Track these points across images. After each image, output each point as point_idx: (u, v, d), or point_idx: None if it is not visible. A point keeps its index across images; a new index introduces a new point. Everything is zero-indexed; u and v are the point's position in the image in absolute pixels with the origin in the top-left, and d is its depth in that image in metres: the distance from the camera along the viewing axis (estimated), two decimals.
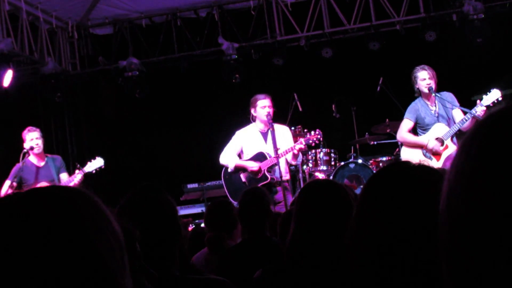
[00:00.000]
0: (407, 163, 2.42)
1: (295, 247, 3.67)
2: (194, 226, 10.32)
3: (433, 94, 9.80)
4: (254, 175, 10.10)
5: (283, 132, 10.36)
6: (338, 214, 3.59)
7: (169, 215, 3.25)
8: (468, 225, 1.10)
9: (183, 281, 3.13)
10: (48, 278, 1.29)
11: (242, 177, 10.24)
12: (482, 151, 1.11)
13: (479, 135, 1.13)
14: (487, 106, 9.38)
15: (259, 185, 9.45)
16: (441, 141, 9.78)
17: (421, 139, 9.99)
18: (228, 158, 10.33)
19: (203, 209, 13.50)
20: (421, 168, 2.35)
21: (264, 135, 10.26)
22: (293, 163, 10.64)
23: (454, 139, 9.86)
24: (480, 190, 1.08)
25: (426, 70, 9.83)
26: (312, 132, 10.42)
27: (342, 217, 3.55)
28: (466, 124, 9.53)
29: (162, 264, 3.12)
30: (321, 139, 10.42)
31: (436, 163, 9.58)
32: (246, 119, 10.65)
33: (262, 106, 10.17)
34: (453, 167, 1.16)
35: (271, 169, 10.07)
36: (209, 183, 13.94)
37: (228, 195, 10.20)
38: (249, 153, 10.29)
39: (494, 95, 9.50)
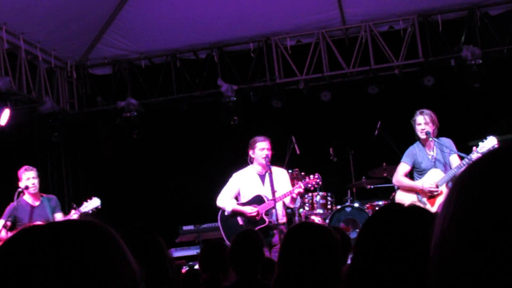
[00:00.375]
0: (400, 204, 2.54)
1: None
2: (188, 268, 10.24)
3: (430, 139, 9.79)
4: (251, 218, 10.04)
5: (280, 175, 10.33)
6: (320, 257, 3.63)
7: (157, 256, 3.20)
8: (459, 270, 1.10)
9: None
10: None
11: (239, 220, 10.19)
12: (482, 200, 1.09)
13: (477, 184, 1.13)
14: (482, 153, 9.35)
15: (256, 228, 9.43)
16: (436, 185, 9.74)
17: (417, 183, 9.96)
18: (225, 201, 10.28)
19: (198, 251, 13.42)
20: (413, 208, 2.46)
21: (262, 177, 10.24)
22: (291, 206, 10.60)
23: (450, 184, 9.81)
24: (475, 239, 1.08)
25: (423, 115, 9.83)
26: (311, 176, 10.39)
27: (325, 259, 3.62)
28: (461, 171, 9.47)
29: None
30: (320, 183, 10.40)
31: (430, 208, 9.53)
32: (243, 161, 10.64)
33: (261, 148, 10.17)
34: (446, 214, 1.15)
35: (268, 212, 10.02)
36: (205, 225, 13.89)
37: (225, 238, 10.14)
38: (246, 195, 10.25)
39: (490, 142, 9.49)
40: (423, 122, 9.80)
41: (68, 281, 1.32)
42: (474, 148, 9.58)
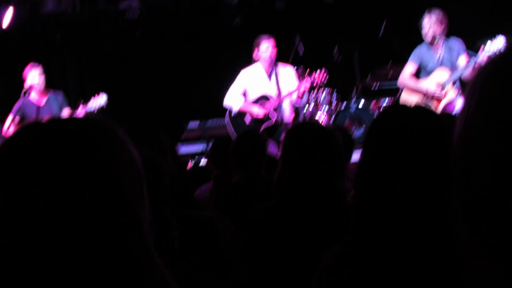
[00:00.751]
0: (404, 106, 2.59)
1: (281, 185, 3.80)
2: (194, 163, 10.30)
3: (436, 39, 9.56)
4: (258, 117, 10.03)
5: (287, 73, 10.36)
6: (320, 154, 3.71)
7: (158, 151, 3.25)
8: (490, 162, 1.08)
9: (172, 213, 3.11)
10: (65, 204, 1.29)
11: (247, 119, 10.17)
12: (507, 87, 1.08)
13: (501, 72, 1.12)
14: (491, 53, 9.18)
15: (263, 125, 9.50)
16: (441, 86, 9.56)
17: (422, 85, 9.78)
18: (232, 99, 10.28)
19: (204, 147, 13.39)
20: (418, 109, 2.50)
21: (269, 75, 10.19)
22: (297, 105, 10.55)
23: (457, 84, 9.67)
24: (504, 127, 1.07)
25: (428, 16, 9.62)
26: (318, 71, 10.31)
27: (325, 156, 3.71)
28: (468, 71, 9.32)
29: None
30: (327, 78, 10.33)
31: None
32: (245, 60, 10.70)
33: (267, 47, 10.07)
34: (470, 104, 1.15)
35: (276, 109, 9.98)
36: (210, 121, 13.82)
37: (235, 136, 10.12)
38: (253, 92, 10.23)
39: (498, 42, 9.28)
40: (432, 23, 9.58)
41: (71, 173, 1.32)
42: (481, 47, 9.39)
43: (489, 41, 9.37)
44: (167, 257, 1.78)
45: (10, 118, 10.08)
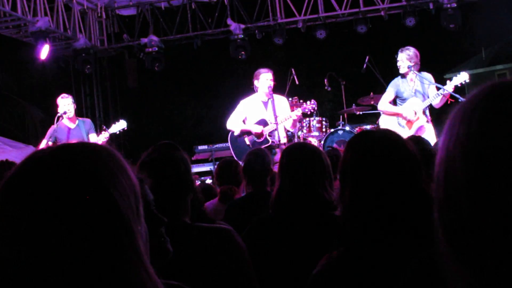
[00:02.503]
0: (371, 131, 2.75)
1: (278, 198, 3.79)
2: (200, 182, 10.33)
3: (412, 72, 9.72)
4: (257, 138, 10.08)
5: (281, 102, 10.28)
6: (312, 170, 3.73)
7: (183, 170, 3.24)
8: (468, 189, 1.11)
9: (191, 228, 3.13)
10: (66, 220, 1.29)
11: (247, 140, 10.19)
12: (484, 123, 1.12)
13: (478, 109, 1.14)
14: (455, 86, 9.33)
15: (261, 147, 9.45)
16: (414, 112, 9.73)
17: (398, 109, 9.94)
18: (234, 123, 10.28)
19: (211, 167, 13.50)
20: (384, 133, 2.64)
21: (265, 104, 10.18)
22: (291, 130, 10.60)
23: (427, 112, 9.81)
24: (480, 157, 1.10)
25: (403, 52, 9.77)
26: (308, 102, 10.39)
27: (316, 173, 3.72)
28: (437, 100, 9.46)
29: (175, 213, 3.12)
30: (315, 108, 10.39)
31: (408, 131, 9.58)
32: (249, 89, 10.60)
33: (265, 79, 10.09)
34: (450, 136, 1.17)
35: (271, 134, 10.04)
36: (217, 145, 13.94)
37: (234, 156, 10.17)
38: (252, 119, 10.22)
39: (462, 77, 9.41)
40: (405, 58, 9.73)
41: (73, 191, 1.32)
42: (448, 81, 9.55)
43: (454, 76, 9.55)
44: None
45: (44, 142, 10.09)
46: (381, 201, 2.35)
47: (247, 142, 10.16)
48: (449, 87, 9.27)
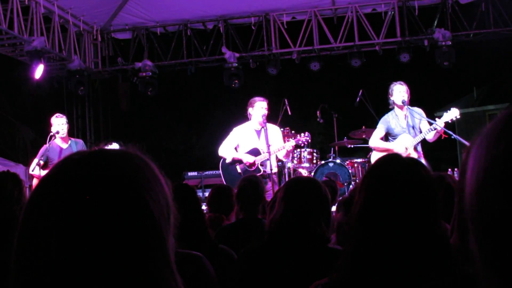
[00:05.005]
0: (397, 155, 2.64)
1: (280, 226, 3.78)
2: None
3: (406, 106, 9.78)
4: (248, 167, 10.09)
5: (274, 132, 10.29)
6: (314, 203, 3.76)
7: (197, 212, 3.27)
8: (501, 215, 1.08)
9: None
10: (100, 223, 1.29)
11: (238, 168, 10.19)
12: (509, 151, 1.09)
13: (504, 138, 1.10)
14: (446, 122, 9.41)
15: None
16: (406, 148, 9.79)
17: (389, 145, 9.99)
18: (226, 150, 10.27)
19: (200, 194, 13.51)
20: (409, 160, 2.57)
21: (258, 132, 10.16)
22: (284, 160, 10.62)
23: (419, 147, 9.86)
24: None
25: (403, 85, 9.83)
26: (302, 134, 10.44)
27: (317, 205, 3.76)
28: (429, 135, 9.52)
29: None
30: (309, 140, 10.44)
31: None
32: (242, 118, 10.61)
33: (260, 107, 10.11)
34: (479, 163, 1.14)
35: (263, 163, 10.06)
36: (206, 172, 13.96)
37: (224, 183, 10.18)
38: (244, 147, 10.22)
39: (453, 113, 9.47)
40: (403, 91, 9.80)
41: (110, 197, 1.32)
42: (437, 118, 9.62)
43: (445, 112, 9.63)
44: None
45: (35, 161, 10.06)
46: (391, 227, 2.35)
47: (239, 170, 10.17)
48: (441, 122, 9.35)
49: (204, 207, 9.27)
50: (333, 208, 7.36)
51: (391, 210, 2.36)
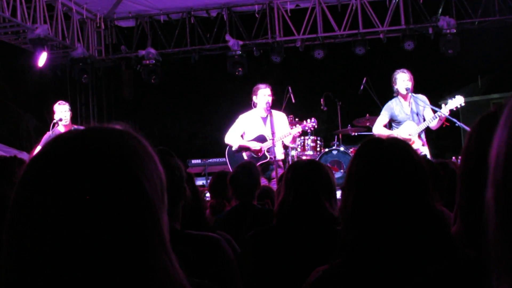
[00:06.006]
0: (380, 139, 2.62)
1: (286, 209, 3.79)
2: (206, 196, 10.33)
3: (410, 94, 9.76)
4: (255, 154, 10.09)
5: (280, 118, 10.27)
6: (318, 184, 3.77)
7: (178, 176, 3.23)
8: None
9: (181, 234, 3.11)
10: (92, 201, 1.27)
11: (245, 155, 10.16)
12: None
13: None
14: (451, 110, 9.38)
15: (259, 163, 9.41)
16: (410, 136, 9.76)
17: (392, 132, 9.96)
18: (232, 138, 10.26)
19: (204, 182, 13.51)
20: (393, 141, 2.56)
21: (264, 119, 10.14)
22: (291, 145, 10.61)
23: (422, 135, 9.84)
24: None
25: (406, 73, 9.80)
26: (308, 120, 10.45)
27: (322, 188, 3.76)
28: (434, 123, 9.50)
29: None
30: (316, 126, 10.44)
31: None
32: (245, 106, 10.60)
33: (263, 94, 10.11)
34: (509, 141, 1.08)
35: (269, 150, 10.05)
36: (210, 160, 13.96)
37: (231, 170, 10.15)
38: (250, 134, 10.22)
39: (458, 100, 9.43)
40: (406, 79, 9.76)
41: (104, 174, 1.30)
42: (443, 105, 9.59)
43: (449, 100, 9.60)
44: None
45: (38, 148, 10.03)
46: (385, 212, 2.33)
47: (245, 157, 10.15)
48: (445, 110, 9.32)
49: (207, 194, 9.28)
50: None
51: (385, 193, 2.35)
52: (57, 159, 1.33)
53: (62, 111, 10.32)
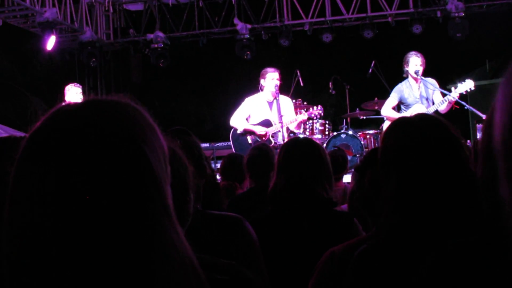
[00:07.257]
0: (407, 117, 2.55)
1: (275, 194, 3.75)
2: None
3: (419, 77, 9.75)
4: (259, 138, 10.08)
5: (286, 103, 10.25)
6: (311, 166, 3.70)
7: (197, 155, 3.20)
8: None
9: (203, 214, 3.03)
10: (95, 173, 1.25)
11: (249, 139, 10.15)
12: None
13: None
14: (461, 94, 9.37)
15: None
16: None
17: (401, 115, 9.94)
18: (238, 121, 10.24)
19: (213, 166, 13.52)
20: (422, 116, 2.52)
21: (270, 104, 10.13)
22: (296, 131, 10.60)
23: None
24: None
25: (419, 57, 9.77)
26: (315, 107, 10.44)
27: (312, 169, 3.69)
28: (443, 106, 9.50)
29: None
30: (322, 113, 10.43)
31: None
32: (253, 90, 10.58)
33: (271, 78, 10.07)
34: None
35: (274, 134, 10.05)
36: (218, 144, 13.96)
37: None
38: (255, 118, 10.21)
39: (468, 84, 9.42)
40: (419, 63, 9.75)
41: (106, 146, 1.28)
42: (453, 88, 9.58)
43: (459, 84, 9.59)
44: None
45: None
46: (431, 186, 2.26)
47: (249, 141, 10.14)
48: (455, 94, 9.32)
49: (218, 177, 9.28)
50: (346, 178, 7.41)
51: (431, 165, 2.28)
52: (58, 132, 1.30)
53: (77, 93, 10.35)
